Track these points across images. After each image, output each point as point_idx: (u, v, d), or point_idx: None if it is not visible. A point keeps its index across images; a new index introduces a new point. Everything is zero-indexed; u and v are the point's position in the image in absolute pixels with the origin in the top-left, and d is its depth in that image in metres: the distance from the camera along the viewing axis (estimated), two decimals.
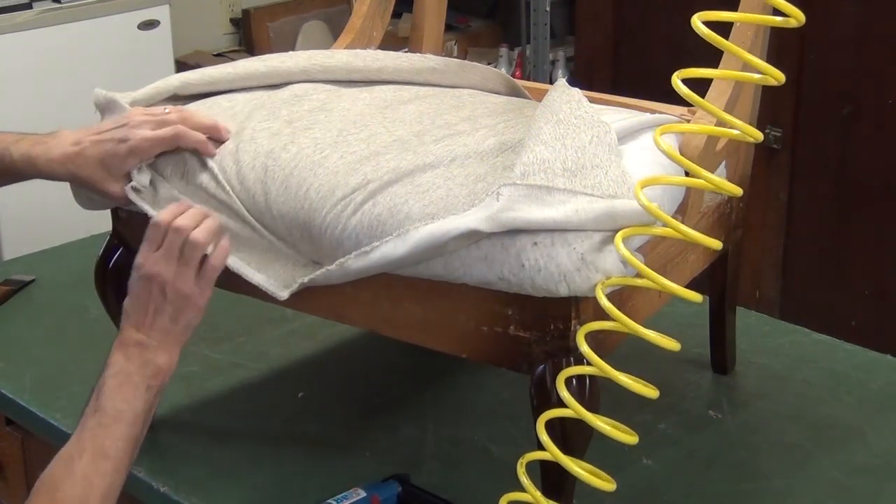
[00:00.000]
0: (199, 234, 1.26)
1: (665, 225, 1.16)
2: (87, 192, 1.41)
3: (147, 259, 1.26)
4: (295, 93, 1.45)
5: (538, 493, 1.17)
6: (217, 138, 1.38)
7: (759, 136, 1.17)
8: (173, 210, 1.28)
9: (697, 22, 1.12)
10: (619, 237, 1.15)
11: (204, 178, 1.36)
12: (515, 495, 1.18)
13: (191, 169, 1.37)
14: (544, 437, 1.16)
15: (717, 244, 1.16)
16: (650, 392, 1.14)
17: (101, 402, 1.22)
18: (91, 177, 1.36)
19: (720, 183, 1.17)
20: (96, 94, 1.43)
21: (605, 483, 1.16)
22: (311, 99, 1.44)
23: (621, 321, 1.13)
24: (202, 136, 1.36)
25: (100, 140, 1.36)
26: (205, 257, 1.27)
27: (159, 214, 1.28)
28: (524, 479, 1.17)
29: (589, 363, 1.16)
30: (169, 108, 1.39)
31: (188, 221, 1.27)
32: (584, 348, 1.15)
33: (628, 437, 1.15)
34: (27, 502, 1.18)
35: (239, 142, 1.38)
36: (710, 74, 1.23)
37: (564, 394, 1.15)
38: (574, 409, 1.14)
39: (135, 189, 1.37)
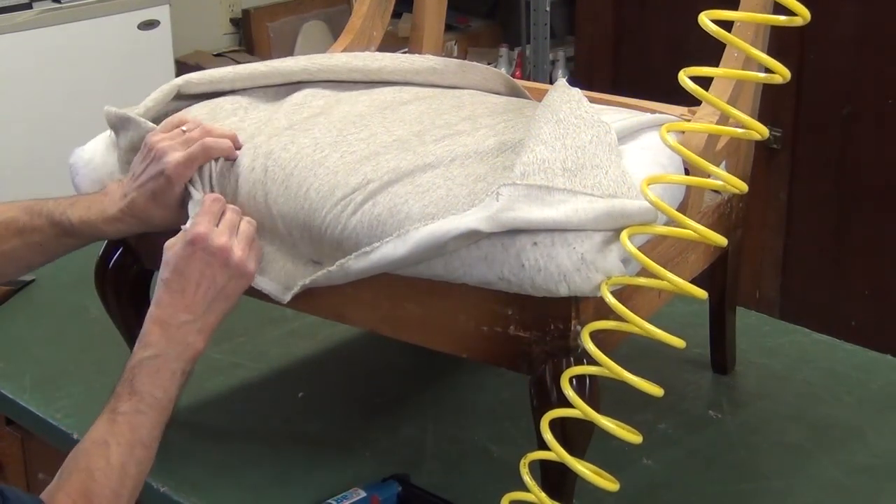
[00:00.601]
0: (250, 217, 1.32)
1: (669, 222, 1.15)
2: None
3: (211, 231, 1.27)
4: (295, 101, 1.45)
5: (542, 493, 1.17)
6: (236, 146, 1.39)
7: (766, 132, 1.17)
8: (218, 193, 1.33)
9: (706, 20, 1.11)
10: (624, 234, 1.15)
11: (207, 180, 1.36)
12: (517, 495, 1.18)
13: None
14: (548, 437, 1.16)
15: (722, 240, 1.16)
16: (656, 390, 1.14)
17: (136, 387, 1.22)
18: (152, 220, 1.36)
19: (728, 178, 1.16)
20: (107, 111, 1.42)
21: (609, 483, 1.16)
22: (310, 106, 1.44)
23: (629, 318, 1.13)
24: (228, 144, 1.37)
25: (141, 184, 1.36)
26: None
27: (213, 194, 1.32)
28: (527, 479, 1.17)
29: (590, 362, 1.16)
30: (187, 124, 1.39)
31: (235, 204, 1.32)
32: (590, 347, 1.15)
33: (633, 436, 1.15)
34: (59, 478, 1.17)
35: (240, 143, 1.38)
36: (717, 73, 1.22)
37: (570, 393, 1.15)
38: (580, 408, 1.14)
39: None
